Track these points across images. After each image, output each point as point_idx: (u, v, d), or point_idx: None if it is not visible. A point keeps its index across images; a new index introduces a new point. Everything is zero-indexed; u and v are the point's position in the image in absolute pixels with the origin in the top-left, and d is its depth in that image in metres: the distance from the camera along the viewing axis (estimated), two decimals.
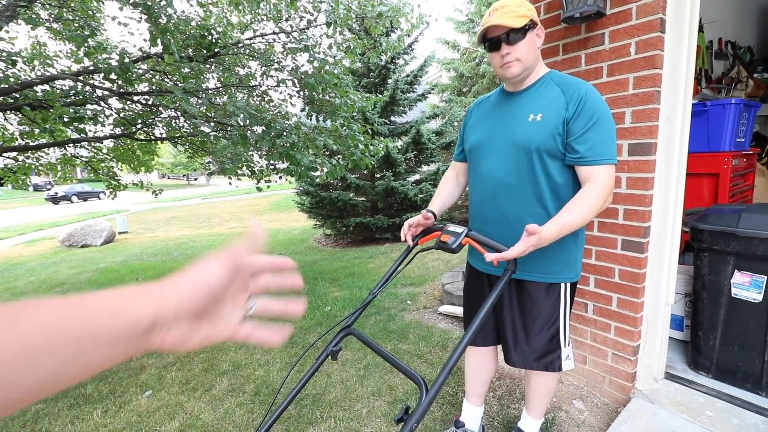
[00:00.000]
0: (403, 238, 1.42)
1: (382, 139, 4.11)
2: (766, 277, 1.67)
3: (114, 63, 3.21)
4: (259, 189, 3.84)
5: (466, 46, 10.28)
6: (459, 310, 3.10)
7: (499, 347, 1.53)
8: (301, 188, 7.21)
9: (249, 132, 3.13)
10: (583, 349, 2.00)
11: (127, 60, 3.26)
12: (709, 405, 1.72)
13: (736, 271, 1.75)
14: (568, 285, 1.32)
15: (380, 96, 4.04)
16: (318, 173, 3.67)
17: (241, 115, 3.00)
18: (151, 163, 6.04)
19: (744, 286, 1.74)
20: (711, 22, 3.59)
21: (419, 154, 7.32)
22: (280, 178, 4.08)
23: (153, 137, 4.56)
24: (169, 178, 47.56)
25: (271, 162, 3.48)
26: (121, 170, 6.08)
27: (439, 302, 3.53)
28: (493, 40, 1.21)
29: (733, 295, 1.77)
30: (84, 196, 27.43)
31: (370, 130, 4.09)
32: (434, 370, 2.31)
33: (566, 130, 1.19)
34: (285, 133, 3.23)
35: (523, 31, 1.18)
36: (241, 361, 2.77)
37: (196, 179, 43.70)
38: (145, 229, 12.51)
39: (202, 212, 15.33)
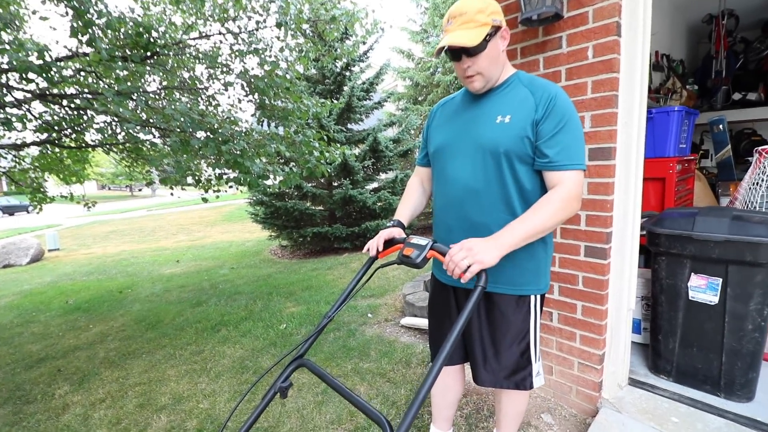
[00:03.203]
0: (366, 249, 1.28)
1: (338, 146, 3.95)
2: (721, 279, 1.70)
3: (34, 60, 2.82)
4: (204, 200, 3.54)
5: (421, 55, 10.41)
6: (422, 322, 2.99)
7: (467, 365, 1.42)
8: (254, 198, 6.86)
9: (192, 138, 2.86)
10: (549, 359, 1.94)
11: (49, 58, 2.88)
12: (674, 410, 1.71)
13: (692, 273, 1.77)
14: (538, 297, 1.23)
15: (335, 102, 3.90)
16: (270, 182, 3.44)
17: (182, 120, 2.73)
18: (83, 173, 5.47)
19: (701, 288, 1.76)
20: (651, 34, 3.79)
21: (377, 162, 7.23)
22: (231, 187, 3.80)
23: (83, 144, 4.11)
24: (109, 189, 44.26)
25: (220, 171, 3.20)
26: (46, 181, 5.45)
27: (401, 314, 3.41)
28: (453, 51, 1.12)
29: (690, 298, 1.79)
30: (9, 210, 24.81)
31: (325, 137, 3.92)
32: (398, 390, 2.16)
33: (535, 132, 1.10)
34: (233, 140, 2.99)
35: (483, 45, 1.09)
36: (182, 392, 2.47)
37: (140, 190, 40.92)
38: (79, 245, 11.42)
39: (146, 225, 14.28)
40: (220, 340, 3.28)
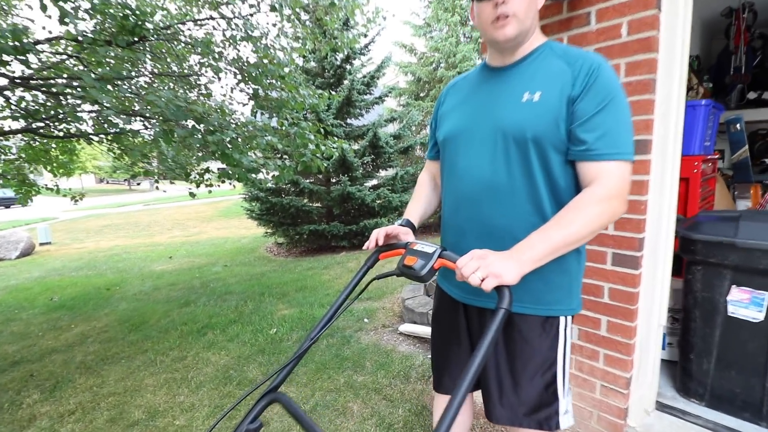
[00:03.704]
0: (367, 246, 1.06)
1: (336, 140, 3.73)
2: (767, 293, 1.48)
3: (8, 41, 2.59)
4: (192, 195, 3.32)
5: (424, 50, 10.17)
6: (422, 330, 2.77)
7: (477, 394, 1.20)
8: (249, 194, 6.63)
9: (177, 128, 2.63)
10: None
11: (26, 40, 2.65)
12: None
13: (733, 286, 1.55)
14: (569, 318, 1.01)
15: (334, 93, 3.67)
16: (262, 176, 3.21)
17: (165, 107, 2.50)
18: (72, 165, 5.24)
19: (742, 303, 1.54)
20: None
21: (377, 159, 7.00)
22: (223, 182, 3.57)
23: (66, 134, 3.87)
24: (107, 182, 43.97)
25: (209, 163, 2.97)
26: (32, 173, 5.21)
27: (400, 319, 3.19)
28: None
29: (729, 314, 1.57)
30: (5, 203, 24.48)
31: (322, 130, 3.69)
32: (395, 411, 1.94)
33: (571, 112, 0.88)
34: (221, 130, 2.76)
35: None
36: (158, 405, 2.25)
37: (138, 184, 40.60)
38: (72, 239, 11.18)
39: (141, 220, 14.04)
40: (205, 345, 3.07)
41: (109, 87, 2.79)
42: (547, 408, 1.02)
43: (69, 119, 3.64)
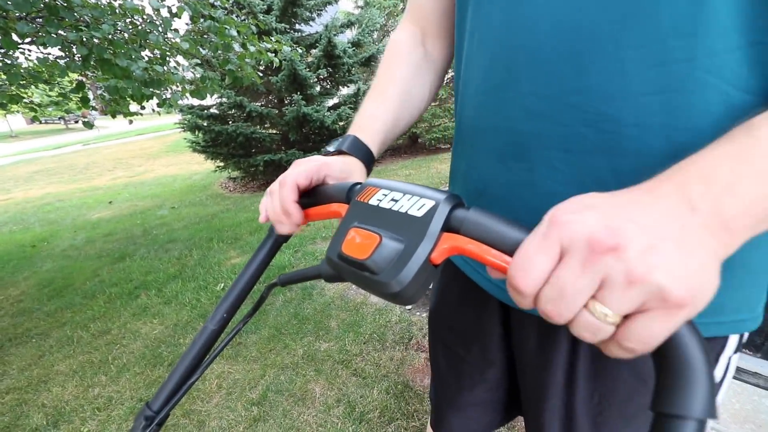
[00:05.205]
0: (263, 217, 0.47)
1: (273, 39, 2.85)
2: None
3: None
4: (88, 125, 2.48)
5: None
6: None
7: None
8: (186, 122, 5.65)
9: (18, 23, 1.75)
10: None
11: None
12: None
13: None
14: (743, 337, 0.46)
15: None
16: (168, 92, 2.39)
17: None
18: None
19: None
20: None
21: (335, 72, 6.01)
22: (110, 103, 2.60)
23: None
24: (41, 122, 39.44)
25: (78, 75, 2.11)
26: None
27: None
28: None
29: None
30: None
31: (254, 27, 2.79)
32: (368, 392, 1.50)
33: None
34: (94, 24, 1.89)
35: None
36: (66, 402, 1.74)
37: (76, 122, 36.56)
38: None
39: (78, 162, 12.49)
40: (136, 311, 2.51)
41: None
42: None
43: None
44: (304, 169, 0.45)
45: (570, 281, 0.23)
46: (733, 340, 0.43)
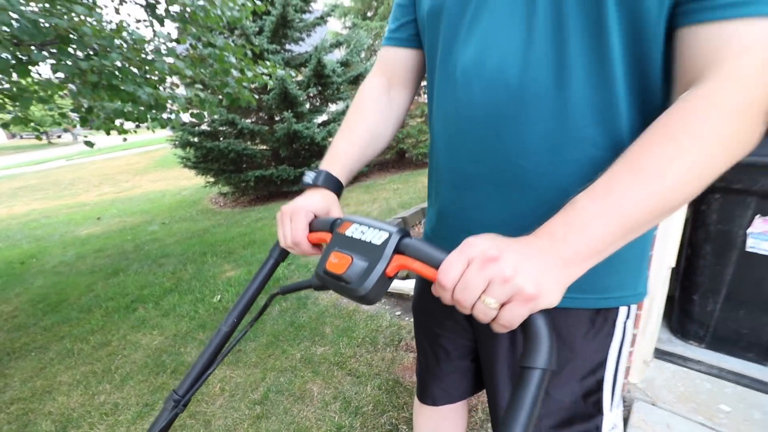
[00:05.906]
0: (284, 242, 0.67)
1: (268, 64, 3.03)
2: None
3: None
4: (88, 144, 2.61)
5: None
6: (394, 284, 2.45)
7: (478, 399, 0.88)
8: (178, 139, 5.76)
9: (33, 52, 1.89)
10: None
11: None
12: (720, 393, 1.33)
13: (758, 216, 1.29)
14: (633, 308, 0.65)
15: (260, 4, 2.87)
16: (168, 114, 2.54)
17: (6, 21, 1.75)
18: None
19: (764, 236, 1.29)
20: None
21: (324, 90, 6.23)
22: (120, 124, 2.76)
23: None
24: (21, 137, 38.70)
25: (88, 102, 2.24)
26: None
27: None
28: None
29: (748, 249, 1.33)
30: None
31: (249, 52, 2.97)
32: (362, 389, 1.65)
33: None
34: (104, 53, 2.04)
35: None
36: (73, 410, 1.83)
37: (59, 137, 36.01)
38: None
39: (63, 177, 12.37)
40: (134, 323, 2.60)
41: None
42: (584, 422, 0.69)
43: None
44: (306, 203, 0.65)
45: (471, 279, 0.38)
46: (623, 311, 0.61)
